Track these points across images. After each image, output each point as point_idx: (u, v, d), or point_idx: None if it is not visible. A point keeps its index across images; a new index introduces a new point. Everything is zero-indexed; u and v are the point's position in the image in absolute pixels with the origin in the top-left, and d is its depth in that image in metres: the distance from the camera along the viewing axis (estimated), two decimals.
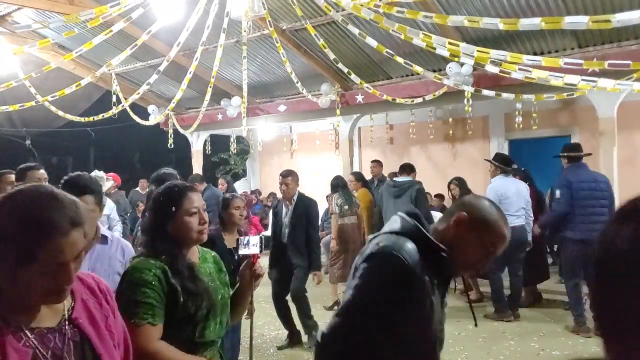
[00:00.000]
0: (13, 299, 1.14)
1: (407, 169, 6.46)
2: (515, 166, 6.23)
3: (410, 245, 1.53)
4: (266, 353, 4.91)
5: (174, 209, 1.89)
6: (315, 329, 5.04)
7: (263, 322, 5.67)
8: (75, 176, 2.33)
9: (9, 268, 1.08)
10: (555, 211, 5.33)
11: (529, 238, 5.69)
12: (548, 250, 7.50)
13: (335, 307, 6.39)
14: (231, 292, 2.08)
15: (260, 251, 2.14)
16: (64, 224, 1.09)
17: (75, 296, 1.27)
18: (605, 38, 6.33)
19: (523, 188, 5.72)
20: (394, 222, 1.65)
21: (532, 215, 5.70)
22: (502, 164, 5.76)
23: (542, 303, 6.23)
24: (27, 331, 1.14)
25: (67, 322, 1.22)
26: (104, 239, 2.39)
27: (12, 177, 3.67)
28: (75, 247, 1.11)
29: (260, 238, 2.17)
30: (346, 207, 6.33)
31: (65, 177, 2.34)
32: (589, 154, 5.35)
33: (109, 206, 5.16)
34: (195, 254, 1.98)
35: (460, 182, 6.65)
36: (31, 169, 3.58)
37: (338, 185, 6.46)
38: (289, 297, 5.04)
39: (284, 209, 5.14)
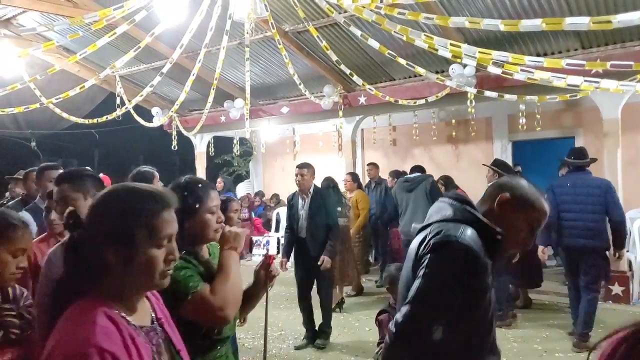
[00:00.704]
0: (128, 294, 1.24)
1: (418, 169, 6.62)
2: (519, 169, 6.25)
3: (470, 232, 1.57)
4: (269, 353, 4.92)
5: (197, 205, 1.89)
6: (329, 336, 5.10)
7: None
8: (142, 170, 2.68)
9: (136, 252, 1.20)
10: None
11: None
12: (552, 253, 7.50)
13: (337, 309, 6.42)
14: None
15: (278, 252, 2.13)
16: (157, 207, 1.25)
17: (151, 300, 1.38)
18: (608, 39, 6.31)
19: None
20: (443, 210, 1.68)
21: None
22: (501, 170, 5.79)
23: (541, 307, 6.26)
24: (139, 329, 1.23)
25: (155, 322, 1.32)
26: None
27: (56, 172, 3.66)
28: (171, 223, 1.27)
29: (278, 239, 2.16)
30: (339, 208, 6.33)
31: (134, 172, 2.74)
32: (594, 160, 5.24)
33: None
34: (206, 250, 1.99)
35: (445, 181, 6.90)
36: (50, 169, 3.62)
37: (329, 186, 6.46)
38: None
39: (300, 202, 5.11)
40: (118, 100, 8.51)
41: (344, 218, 6.56)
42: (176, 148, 10.03)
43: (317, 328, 5.18)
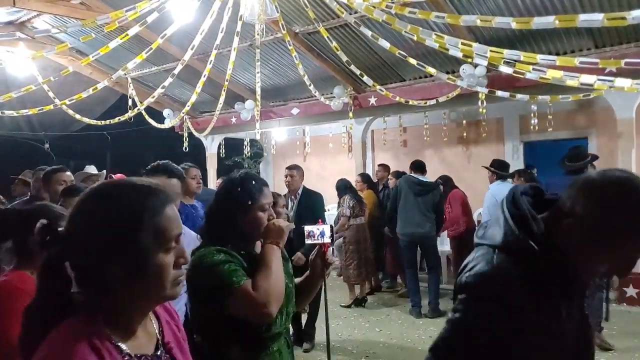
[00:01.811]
0: (128, 315, 1.04)
1: (424, 169, 6.55)
2: (533, 170, 6.23)
3: (509, 266, 1.22)
4: None
5: (250, 202, 1.87)
6: (313, 337, 5.09)
7: None
8: (163, 162, 2.57)
9: (143, 260, 0.99)
10: None
11: None
12: None
13: (352, 305, 6.46)
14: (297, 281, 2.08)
15: (332, 241, 2.13)
16: (159, 203, 1.04)
17: (160, 319, 1.18)
18: (622, 38, 6.23)
19: None
20: (495, 230, 1.29)
21: None
22: (499, 170, 5.91)
23: None
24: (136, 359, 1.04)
25: (161, 348, 1.12)
26: None
27: (66, 174, 3.59)
28: (177, 221, 1.06)
29: (331, 227, 2.15)
30: (357, 208, 6.46)
31: (152, 164, 2.59)
32: (595, 157, 5.19)
33: None
34: (259, 247, 1.95)
35: (445, 182, 7.05)
36: (57, 172, 3.56)
37: (346, 186, 6.56)
38: None
39: (289, 204, 5.14)
40: (130, 102, 8.58)
41: (361, 217, 6.62)
42: (187, 149, 10.08)
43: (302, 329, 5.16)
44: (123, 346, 1.00)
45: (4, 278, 1.78)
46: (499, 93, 6.33)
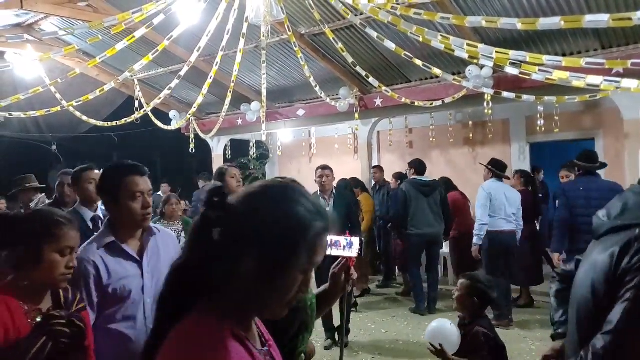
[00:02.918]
0: (249, 312, 1.05)
1: (425, 168, 6.71)
2: (540, 172, 6.22)
3: None
4: None
5: None
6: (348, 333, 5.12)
7: None
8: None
9: (287, 270, 0.99)
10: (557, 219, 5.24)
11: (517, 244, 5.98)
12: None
13: (354, 309, 6.48)
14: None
15: (360, 254, 1.98)
16: (324, 227, 1.05)
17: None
18: (629, 38, 6.20)
19: (515, 195, 6.00)
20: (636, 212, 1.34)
21: (521, 223, 5.96)
22: (496, 169, 6.06)
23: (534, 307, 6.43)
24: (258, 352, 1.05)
25: (265, 344, 1.15)
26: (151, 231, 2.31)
27: (94, 173, 3.51)
28: (324, 251, 1.08)
29: (361, 241, 2.00)
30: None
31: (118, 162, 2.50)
32: (604, 165, 5.21)
33: None
34: None
35: (445, 184, 7.19)
36: (85, 171, 3.52)
37: (346, 188, 6.61)
38: None
39: (323, 202, 5.14)
40: (136, 104, 8.62)
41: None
42: (194, 151, 10.12)
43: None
44: (251, 343, 1.01)
45: None
46: (505, 94, 6.32)
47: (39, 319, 1.72)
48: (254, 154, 10.75)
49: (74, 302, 1.87)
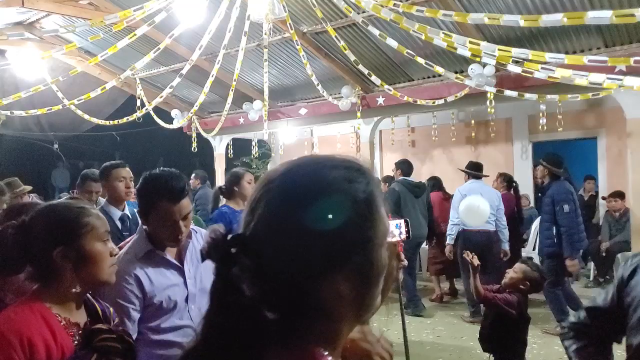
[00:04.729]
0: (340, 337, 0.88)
1: (407, 166, 6.90)
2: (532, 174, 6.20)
3: None
4: None
5: None
6: None
7: None
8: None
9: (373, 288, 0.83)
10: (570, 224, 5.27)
11: (506, 247, 5.99)
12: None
13: None
14: None
15: (408, 237, 1.87)
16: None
17: None
18: (633, 36, 6.17)
19: (493, 195, 6.07)
20: None
21: (505, 223, 5.99)
22: (473, 170, 6.28)
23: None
24: None
25: None
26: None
27: (125, 170, 3.42)
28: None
29: (407, 221, 1.88)
30: None
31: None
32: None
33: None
34: None
35: (434, 182, 7.36)
36: (116, 167, 3.41)
37: None
38: None
39: None
40: (138, 103, 8.62)
41: None
42: (196, 150, 10.12)
43: None
44: None
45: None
46: (508, 93, 6.30)
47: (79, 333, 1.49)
48: (256, 153, 10.73)
49: (110, 315, 1.66)
